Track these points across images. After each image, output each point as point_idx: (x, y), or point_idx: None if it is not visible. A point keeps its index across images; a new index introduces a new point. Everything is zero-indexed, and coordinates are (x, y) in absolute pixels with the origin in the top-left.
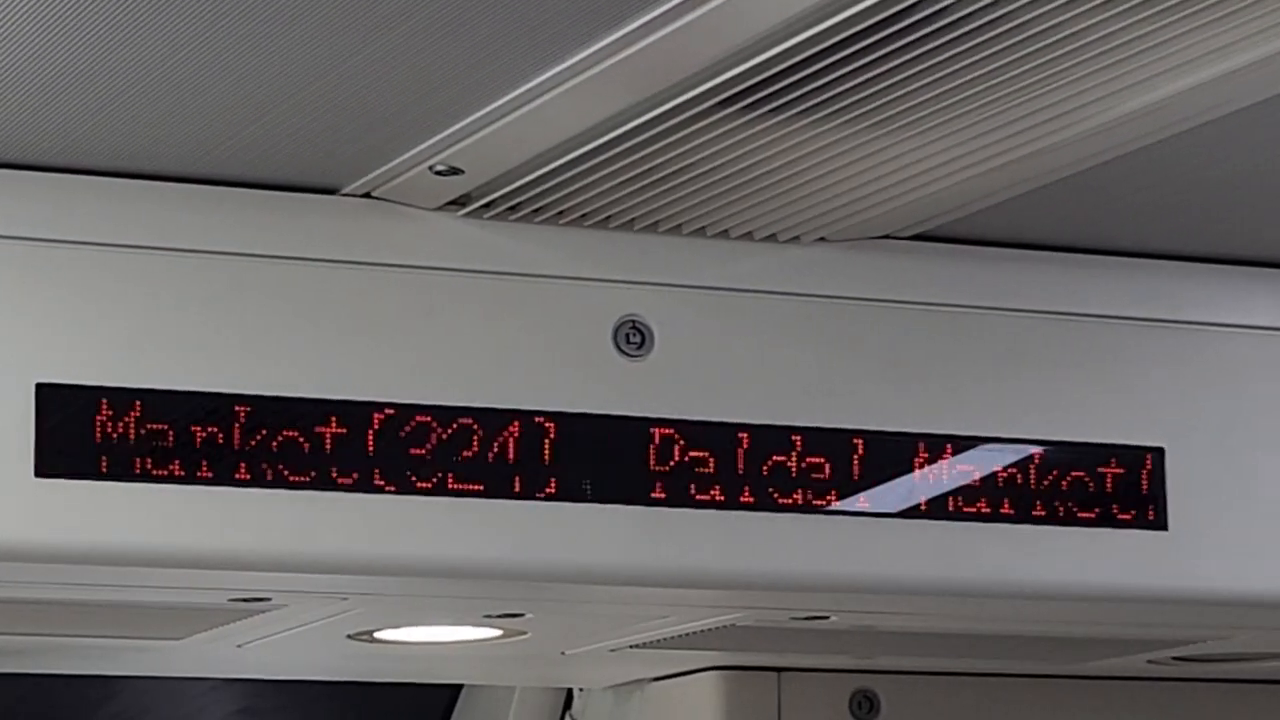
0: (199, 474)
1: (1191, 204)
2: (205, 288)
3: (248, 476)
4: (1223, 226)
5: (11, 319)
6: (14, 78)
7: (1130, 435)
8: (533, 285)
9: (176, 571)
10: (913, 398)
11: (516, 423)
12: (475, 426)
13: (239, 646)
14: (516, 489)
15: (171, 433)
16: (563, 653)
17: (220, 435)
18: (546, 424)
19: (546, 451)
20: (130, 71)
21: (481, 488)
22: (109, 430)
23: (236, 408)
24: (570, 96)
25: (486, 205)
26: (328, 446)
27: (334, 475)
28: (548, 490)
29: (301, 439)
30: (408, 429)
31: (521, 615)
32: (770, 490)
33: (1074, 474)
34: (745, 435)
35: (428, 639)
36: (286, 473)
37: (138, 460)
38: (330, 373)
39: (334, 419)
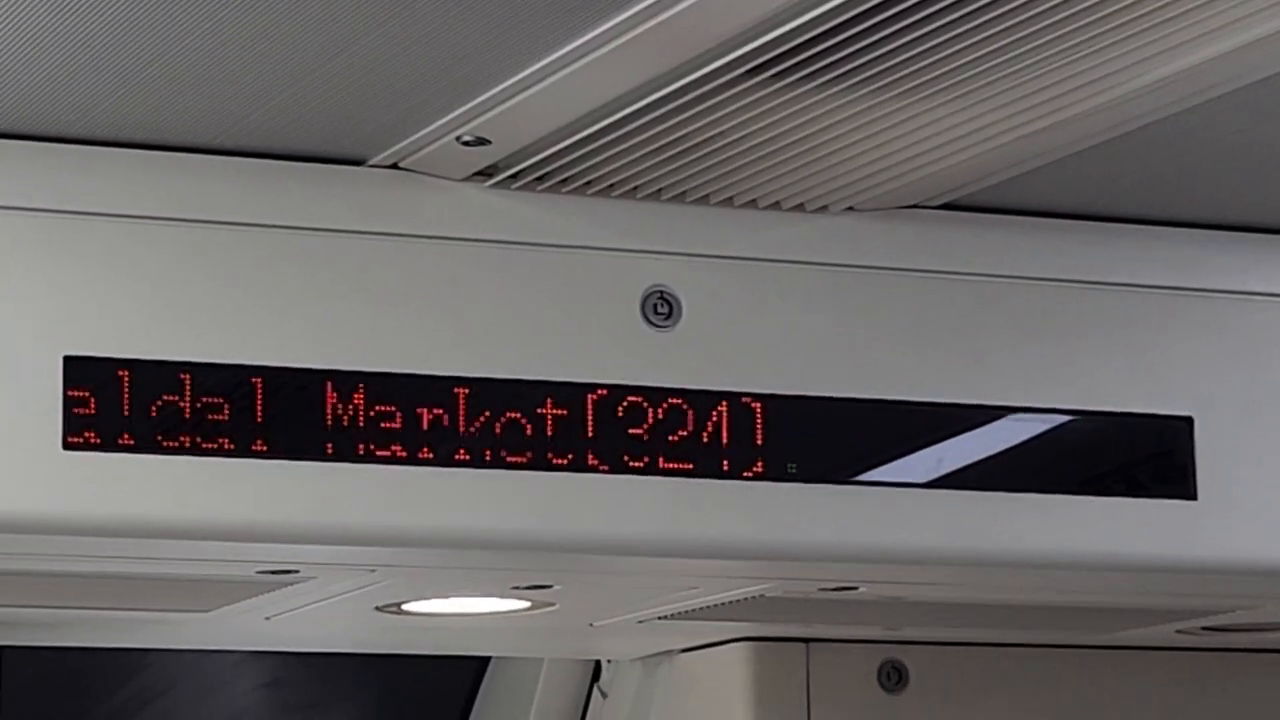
0: (227, 446)
1: (1220, 172)
2: (232, 259)
3: (275, 448)
4: (1252, 194)
5: (39, 292)
6: (38, 50)
7: (1159, 404)
8: (560, 256)
9: (204, 544)
10: (941, 367)
11: (543, 393)
12: (502, 397)
13: (267, 619)
14: (545, 460)
15: (199, 405)
16: (591, 624)
17: (248, 407)
18: (573, 395)
19: (574, 422)
20: (155, 44)
21: (509, 458)
22: (136, 403)
23: (264, 380)
24: (598, 66)
25: (514, 176)
26: (355, 418)
27: (362, 447)
28: (576, 461)
29: (329, 410)
30: (434, 400)
31: (550, 587)
32: (799, 460)
33: (1102, 444)
34: (774, 405)
35: (456, 611)
36: (314, 444)
37: (165, 432)
38: (357, 344)
39: (362, 390)
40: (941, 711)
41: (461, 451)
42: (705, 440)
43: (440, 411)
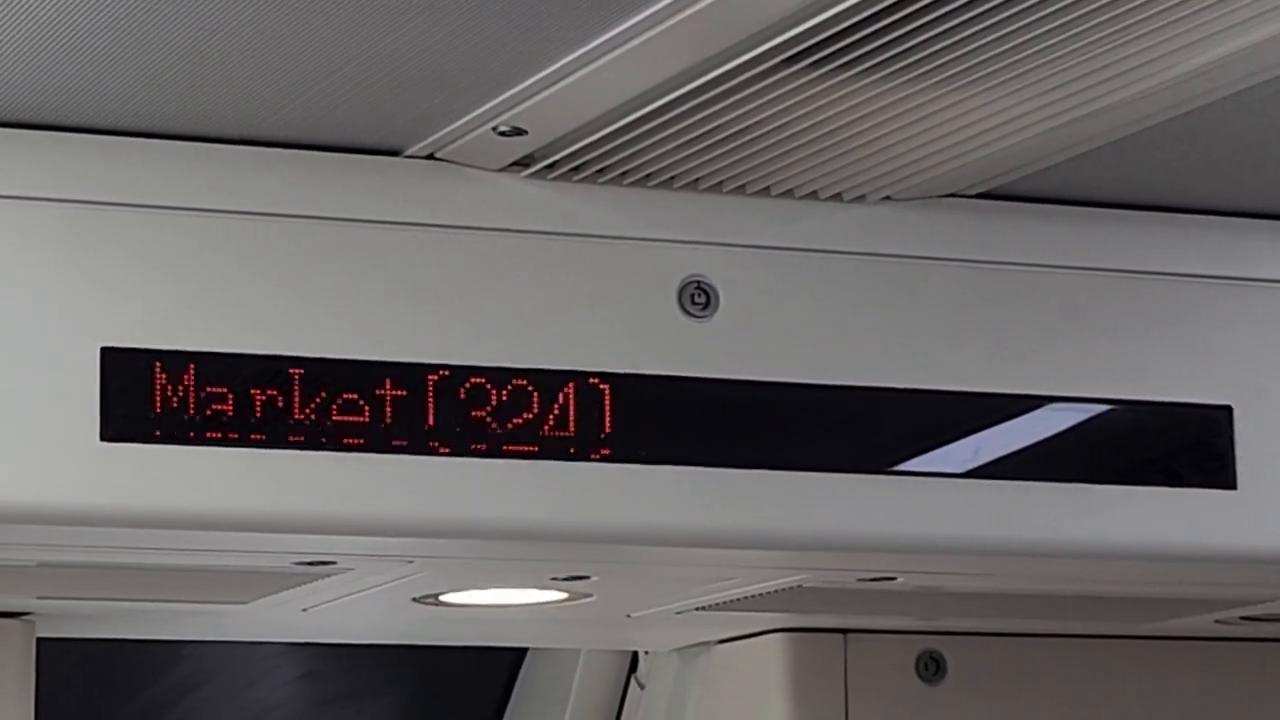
0: (264, 437)
1: (1260, 160)
2: (269, 250)
3: (312, 439)
4: None
5: (76, 283)
6: (75, 43)
7: (1198, 394)
8: (596, 246)
9: (241, 535)
10: (979, 356)
11: (578, 384)
12: (537, 388)
13: (304, 610)
14: (581, 451)
15: (236, 396)
16: (628, 615)
17: (285, 399)
18: (610, 385)
19: (611, 413)
20: (191, 35)
21: (546, 449)
22: (174, 394)
23: (300, 371)
24: (634, 55)
25: (550, 166)
26: (391, 409)
27: (398, 438)
28: (614, 451)
29: (365, 402)
30: (471, 391)
31: (587, 578)
32: (836, 450)
33: (1141, 433)
34: (811, 395)
35: (493, 602)
36: (351, 436)
37: (203, 424)
38: (393, 335)
39: (396, 381)
40: (979, 702)
41: (500, 443)
42: (743, 430)
43: (478, 402)
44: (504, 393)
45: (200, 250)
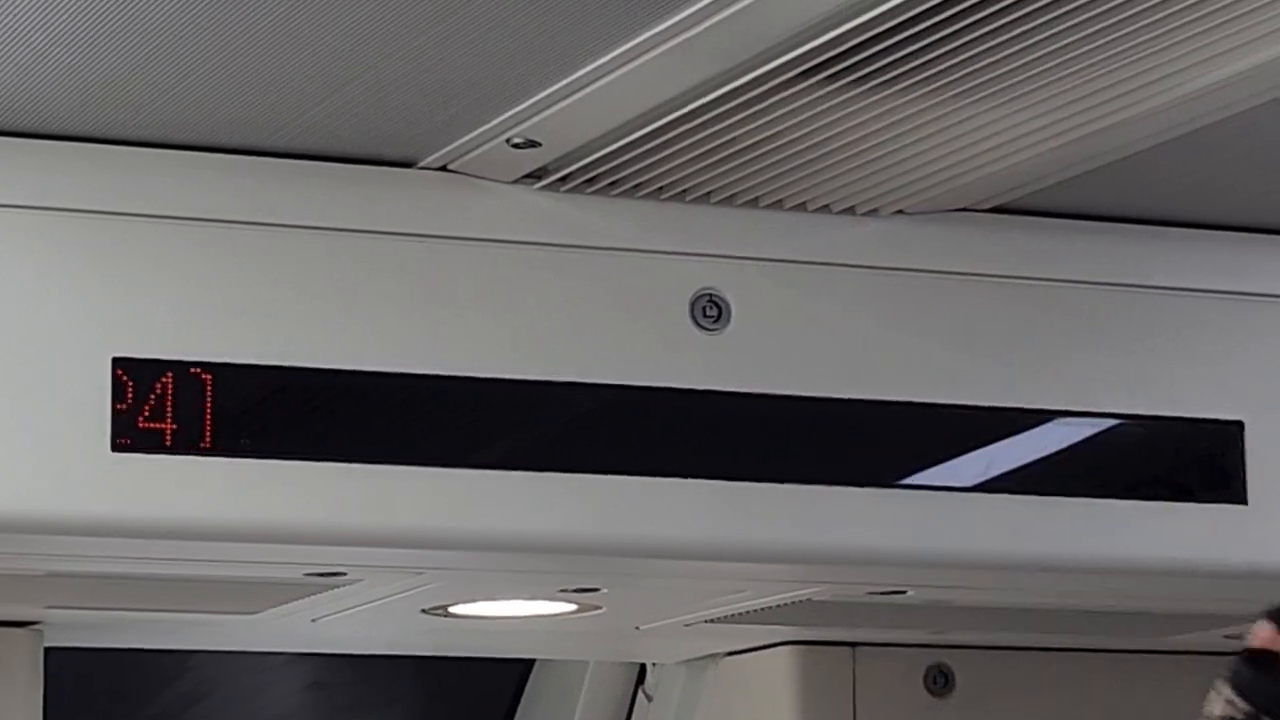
0: (275, 448)
1: (1272, 176)
2: (283, 261)
3: (323, 450)
4: None
5: (89, 293)
6: (93, 54)
7: (1209, 409)
8: (609, 258)
9: (252, 546)
10: (990, 371)
11: (592, 396)
12: (551, 400)
13: (313, 621)
14: (594, 463)
15: (247, 407)
16: (637, 627)
17: (296, 409)
18: (622, 398)
19: (623, 425)
20: (208, 46)
21: (558, 461)
22: (185, 405)
23: (313, 381)
24: (649, 68)
25: (563, 178)
26: (403, 420)
27: (410, 449)
28: (626, 464)
29: (377, 413)
30: (483, 402)
31: (596, 590)
32: (847, 464)
33: (1152, 448)
34: (822, 409)
35: (502, 613)
36: (362, 447)
37: (213, 434)
38: (406, 346)
39: (410, 392)
40: (987, 716)
41: (510, 454)
42: (754, 443)
43: (490, 414)
44: (522, 405)
45: (213, 261)
